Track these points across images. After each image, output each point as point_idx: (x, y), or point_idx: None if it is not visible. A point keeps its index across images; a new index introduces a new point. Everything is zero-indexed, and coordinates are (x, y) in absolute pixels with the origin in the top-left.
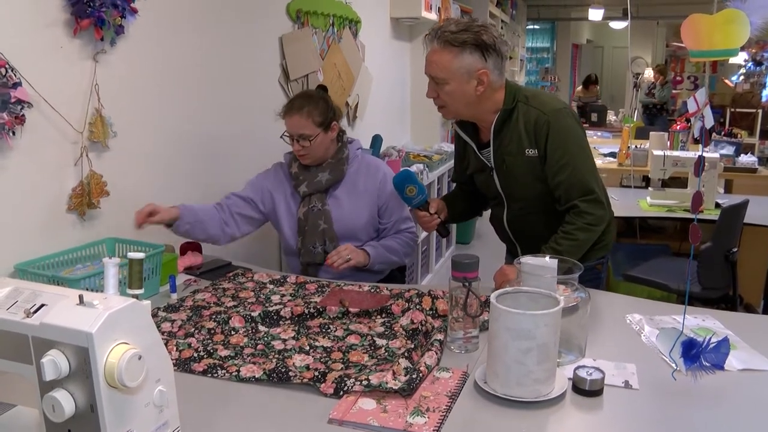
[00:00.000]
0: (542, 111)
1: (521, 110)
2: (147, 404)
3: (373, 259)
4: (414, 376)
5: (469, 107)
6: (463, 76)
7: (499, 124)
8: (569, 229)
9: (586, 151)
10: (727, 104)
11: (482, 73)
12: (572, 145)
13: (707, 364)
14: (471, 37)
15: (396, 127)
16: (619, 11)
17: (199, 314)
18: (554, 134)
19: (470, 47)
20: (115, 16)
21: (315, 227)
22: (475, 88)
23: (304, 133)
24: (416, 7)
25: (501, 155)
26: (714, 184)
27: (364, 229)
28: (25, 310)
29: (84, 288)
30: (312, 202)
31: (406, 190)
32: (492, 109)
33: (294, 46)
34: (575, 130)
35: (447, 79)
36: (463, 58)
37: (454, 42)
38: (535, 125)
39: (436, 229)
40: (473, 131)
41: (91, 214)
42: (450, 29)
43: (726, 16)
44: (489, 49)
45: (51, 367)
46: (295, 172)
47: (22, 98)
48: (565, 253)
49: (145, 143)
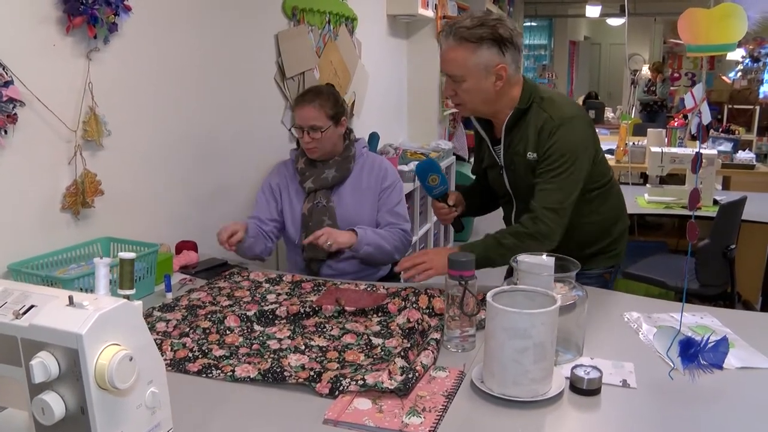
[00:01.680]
0: (552, 117)
1: (534, 112)
2: (139, 406)
3: (360, 238)
4: (410, 375)
5: (487, 104)
6: (481, 72)
7: (511, 123)
8: (521, 230)
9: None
10: (724, 101)
11: (501, 68)
12: (570, 159)
13: (705, 364)
14: (488, 31)
15: (393, 125)
16: (617, 8)
17: (195, 314)
18: (556, 143)
19: (488, 42)
20: (108, 13)
21: (319, 223)
22: (494, 84)
23: (316, 124)
24: (413, 4)
25: (510, 154)
26: (712, 181)
27: (366, 225)
28: (14, 311)
29: (77, 288)
30: (317, 198)
31: (429, 179)
32: (508, 106)
33: (290, 43)
34: (579, 143)
35: (465, 76)
36: (481, 54)
37: (471, 38)
38: (542, 130)
39: (451, 222)
40: (488, 126)
41: (85, 214)
42: (465, 24)
43: (723, 11)
44: (506, 43)
45: (40, 369)
46: (302, 167)
47: (14, 97)
48: (508, 252)
49: (139, 142)
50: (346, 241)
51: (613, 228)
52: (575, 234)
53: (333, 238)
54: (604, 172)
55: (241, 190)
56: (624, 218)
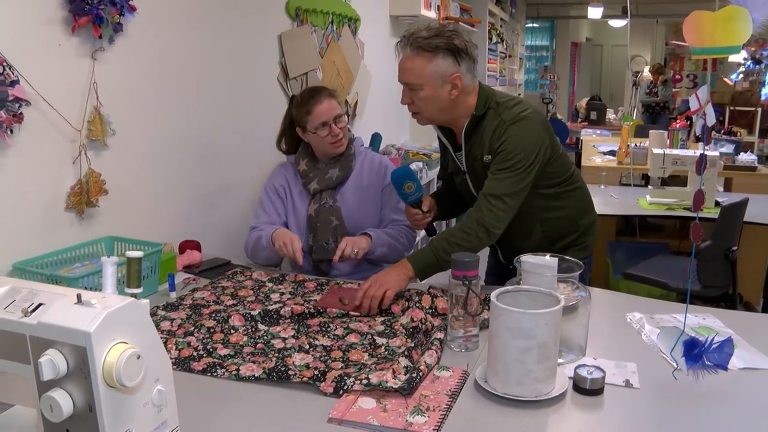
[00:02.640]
0: (503, 119)
1: (490, 117)
2: (146, 404)
3: (375, 241)
4: (414, 375)
5: (443, 112)
6: (437, 81)
7: (469, 129)
8: (466, 222)
9: (530, 165)
10: (726, 102)
11: (456, 77)
12: (518, 154)
13: (709, 364)
14: (443, 42)
15: (395, 126)
16: (619, 9)
17: (199, 313)
18: (506, 141)
19: (443, 52)
20: (113, 13)
21: (327, 224)
22: (449, 93)
23: (340, 113)
24: (415, 5)
25: (471, 160)
26: (714, 183)
27: (371, 223)
28: (22, 309)
29: (82, 287)
30: (323, 199)
31: (404, 186)
32: (465, 114)
33: (293, 44)
34: (529, 140)
35: (421, 84)
36: (437, 63)
37: (427, 47)
38: (494, 132)
39: (425, 228)
40: (450, 133)
41: (89, 213)
42: (422, 35)
43: (728, 13)
44: (461, 53)
45: (49, 367)
46: (304, 169)
47: (20, 96)
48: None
49: (143, 141)
50: (366, 246)
51: (580, 221)
52: (545, 229)
53: (357, 246)
54: (566, 168)
55: (244, 190)
56: (591, 211)
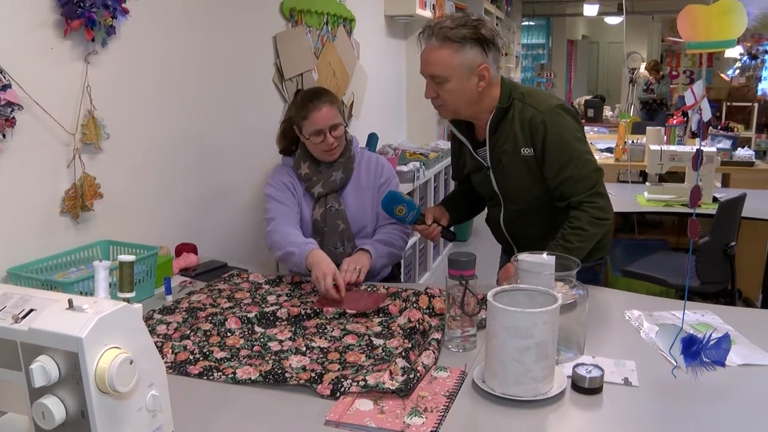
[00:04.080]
0: (538, 110)
1: (517, 108)
2: (139, 409)
3: (374, 256)
4: (411, 375)
5: (469, 106)
6: (465, 73)
7: (494, 123)
8: (578, 224)
9: (586, 146)
10: (723, 98)
11: (483, 68)
12: (572, 142)
13: (708, 361)
14: (470, 31)
15: (392, 126)
16: (614, 6)
17: (195, 316)
18: (552, 133)
19: (471, 42)
20: (106, 16)
21: (334, 228)
22: (477, 85)
23: (337, 122)
24: (411, 5)
25: (497, 154)
26: (711, 178)
27: (371, 222)
28: (13, 315)
29: (77, 291)
30: (329, 203)
31: (395, 210)
32: (489, 107)
33: (288, 45)
34: (572, 126)
35: (448, 76)
36: (465, 54)
37: (455, 37)
38: (530, 124)
39: (441, 235)
40: (468, 130)
41: (84, 217)
42: (447, 25)
43: (723, 7)
44: (488, 44)
45: (40, 374)
46: (306, 173)
47: (12, 101)
48: (575, 250)
49: (138, 144)
50: (368, 262)
51: None
52: None
53: (360, 265)
54: None
55: (240, 192)
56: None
